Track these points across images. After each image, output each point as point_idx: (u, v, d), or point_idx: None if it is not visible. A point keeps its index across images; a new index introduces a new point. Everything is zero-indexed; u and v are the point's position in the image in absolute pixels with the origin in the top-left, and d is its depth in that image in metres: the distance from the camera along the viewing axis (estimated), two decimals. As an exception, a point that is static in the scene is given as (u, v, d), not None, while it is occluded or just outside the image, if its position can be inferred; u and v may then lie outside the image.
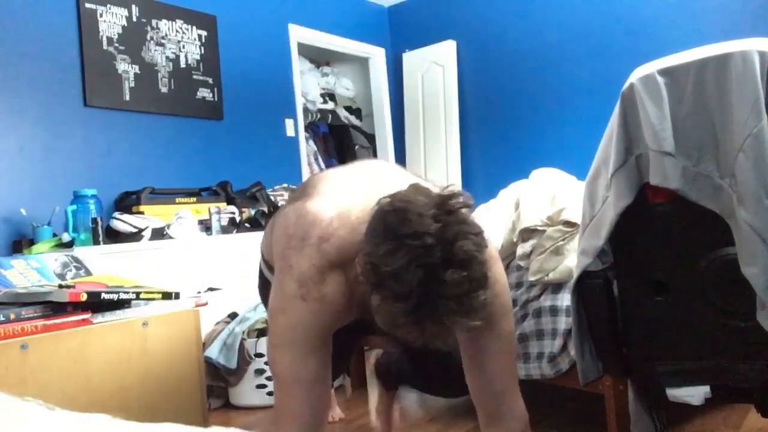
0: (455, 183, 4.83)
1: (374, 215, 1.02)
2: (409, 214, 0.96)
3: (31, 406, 1.06)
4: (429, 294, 0.94)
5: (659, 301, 1.42)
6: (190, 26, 3.76)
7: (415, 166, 5.10)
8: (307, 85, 5.17)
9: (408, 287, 0.93)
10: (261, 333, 2.74)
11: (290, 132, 4.39)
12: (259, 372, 2.68)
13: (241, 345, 2.69)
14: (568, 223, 2.06)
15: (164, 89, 3.59)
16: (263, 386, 2.69)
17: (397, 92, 5.27)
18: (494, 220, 2.34)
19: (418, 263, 0.93)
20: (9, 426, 0.94)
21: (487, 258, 1.03)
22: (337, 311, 1.14)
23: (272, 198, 3.76)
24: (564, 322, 2.03)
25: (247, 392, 2.70)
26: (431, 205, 0.98)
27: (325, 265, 1.11)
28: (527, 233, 2.18)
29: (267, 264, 1.46)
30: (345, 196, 1.19)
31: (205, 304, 2.04)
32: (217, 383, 2.73)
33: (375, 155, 5.42)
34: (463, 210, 0.99)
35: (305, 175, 4.47)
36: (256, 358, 2.68)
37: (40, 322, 1.58)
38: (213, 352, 2.70)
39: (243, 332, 2.74)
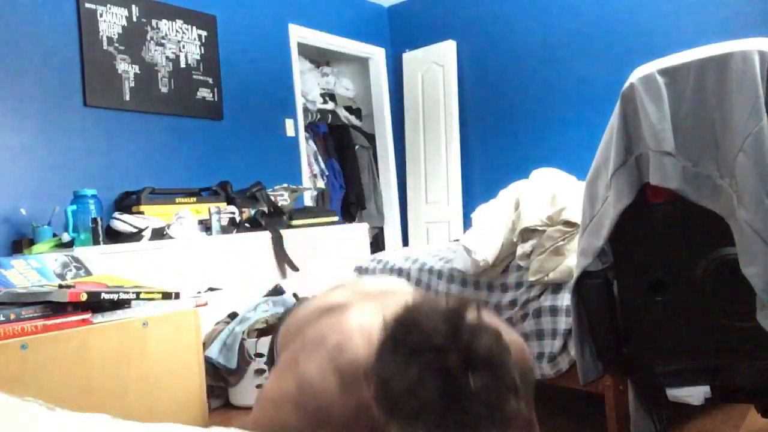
0: (455, 183, 4.83)
1: (382, 331, 0.89)
2: (417, 322, 0.85)
3: (31, 406, 1.06)
4: (452, 407, 0.79)
5: (659, 301, 1.42)
6: (190, 26, 3.76)
7: (415, 166, 5.11)
8: (307, 85, 5.17)
9: (427, 402, 0.79)
10: (261, 333, 2.74)
11: (290, 132, 4.39)
12: (259, 372, 2.68)
13: (241, 345, 2.70)
14: (568, 223, 2.06)
15: (164, 89, 3.59)
16: (263, 386, 2.69)
17: (397, 92, 5.27)
18: (494, 220, 2.34)
19: (433, 372, 0.80)
20: (9, 426, 0.94)
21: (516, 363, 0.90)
22: None
23: (272, 198, 3.76)
24: (564, 322, 2.03)
25: (247, 392, 2.70)
26: (440, 309, 0.87)
27: (336, 377, 0.99)
28: (527, 233, 2.18)
29: None
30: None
31: (205, 304, 2.04)
32: (217, 383, 2.73)
33: (375, 155, 5.43)
34: (477, 312, 0.87)
35: (305, 175, 4.47)
36: (256, 358, 2.68)
37: (40, 322, 1.58)
38: (213, 352, 2.70)
39: (243, 332, 2.74)
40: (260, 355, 2.68)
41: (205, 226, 3.27)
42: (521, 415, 0.83)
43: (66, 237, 2.80)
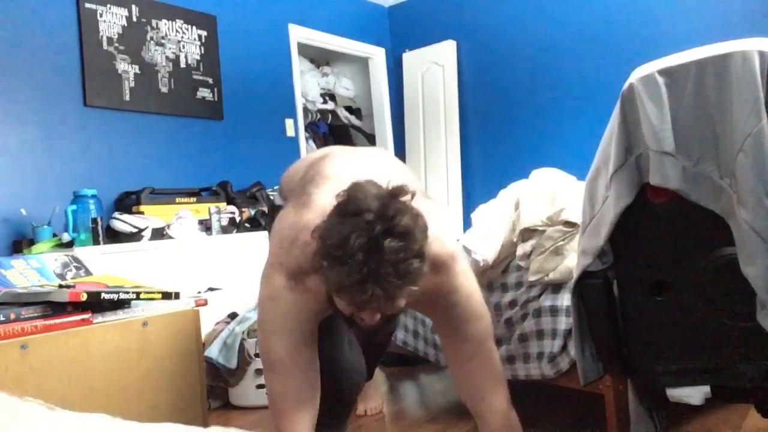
0: (455, 183, 4.84)
1: (336, 201, 1.15)
2: (355, 198, 1.10)
3: (31, 406, 1.06)
4: (370, 259, 1.05)
5: (659, 301, 1.42)
6: (190, 26, 3.76)
7: (415, 166, 5.10)
8: (307, 85, 5.18)
9: (350, 252, 1.05)
10: (261, 333, 2.75)
11: (290, 132, 4.39)
12: (260, 372, 2.68)
13: (242, 345, 2.69)
14: (568, 223, 2.06)
15: (164, 89, 3.59)
16: (263, 386, 2.69)
17: (397, 92, 5.27)
18: (494, 220, 2.34)
19: (359, 234, 1.05)
20: (9, 426, 0.94)
21: (447, 260, 1.26)
22: (320, 301, 1.25)
23: (272, 198, 3.76)
24: (564, 322, 2.03)
25: (247, 392, 2.70)
26: (377, 191, 1.11)
27: (309, 264, 1.22)
28: (527, 233, 2.18)
29: (285, 197, 1.70)
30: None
31: (205, 304, 2.04)
32: (217, 383, 2.73)
33: (375, 155, 5.42)
34: (406, 197, 1.12)
35: (305, 175, 4.46)
36: (257, 358, 2.68)
37: (40, 322, 1.58)
38: (213, 352, 2.70)
39: (243, 332, 2.74)
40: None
41: (205, 226, 3.27)
42: (421, 273, 1.11)
43: (66, 237, 2.80)
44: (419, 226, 1.11)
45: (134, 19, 3.48)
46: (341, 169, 1.42)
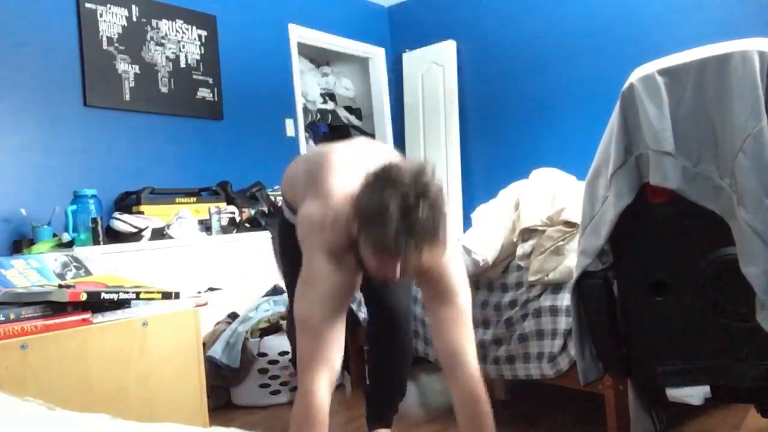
0: (455, 183, 4.83)
1: (365, 179, 1.30)
2: (389, 171, 1.27)
3: (31, 406, 1.06)
4: (406, 221, 1.21)
5: (659, 301, 1.42)
6: (190, 26, 3.76)
7: (415, 166, 5.10)
8: (307, 85, 5.17)
9: (389, 214, 1.21)
10: (264, 332, 2.75)
11: (290, 132, 4.39)
12: (263, 371, 2.68)
13: (244, 345, 2.70)
14: (568, 223, 2.06)
15: (164, 89, 3.59)
16: (266, 386, 2.69)
17: (397, 92, 5.27)
18: (494, 220, 2.34)
19: (395, 199, 1.21)
20: (9, 426, 0.94)
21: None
22: (355, 275, 1.45)
23: (272, 198, 3.76)
24: (564, 322, 2.03)
25: (250, 392, 2.71)
26: (409, 168, 1.27)
27: (342, 239, 1.35)
28: (527, 233, 2.18)
29: (288, 205, 1.85)
30: (351, 182, 1.42)
31: (205, 304, 2.04)
32: (218, 383, 2.73)
33: (375, 155, 5.42)
34: (435, 177, 1.28)
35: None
36: (260, 358, 2.68)
37: (40, 322, 1.58)
38: (216, 351, 2.70)
39: (246, 332, 2.74)
40: (263, 355, 2.68)
41: (205, 226, 3.27)
42: (444, 240, 1.29)
43: (66, 237, 2.80)
44: (444, 197, 1.28)
45: (134, 19, 3.48)
46: (348, 159, 1.58)
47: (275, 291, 3.22)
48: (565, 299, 2.03)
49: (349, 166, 1.54)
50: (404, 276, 1.32)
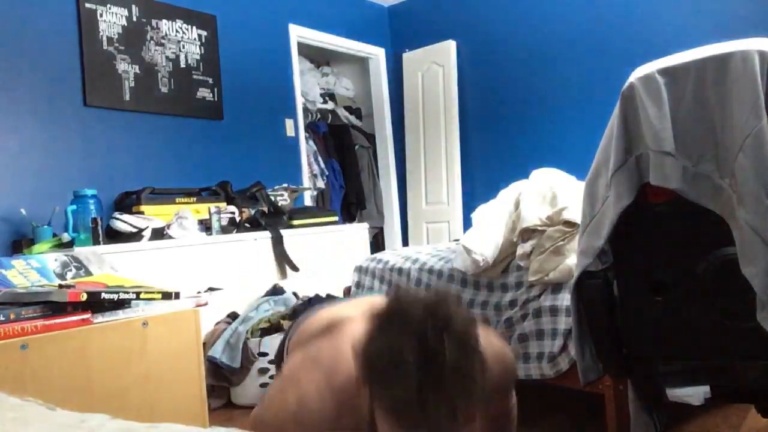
0: (455, 183, 4.83)
1: (369, 322, 1.00)
2: (398, 306, 0.96)
3: (31, 406, 1.06)
4: (429, 376, 0.89)
5: (659, 301, 1.42)
6: (190, 26, 3.76)
7: (415, 166, 5.11)
8: (307, 85, 5.17)
9: (407, 372, 0.89)
10: (264, 332, 2.75)
11: (290, 132, 4.39)
12: (263, 371, 2.69)
13: (245, 344, 2.70)
14: (568, 223, 2.06)
15: (164, 89, 3.59)
16: (266, 385, 2.69)
17: (397, 92, 5.27)
18: (494, 220, 2.34)
19: (412, 347, 0.90)
20: (9, 426, 0.94)
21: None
22: None
23: (272, 198, 3.76)
24: (564, 322, 2.03)
25: (251, 391, 2.71)
26: (420, 300, 0.97)
27: (331, 396, 1.10)
28: (527, 233, 2.18)
29: None
30: None
31: (205, 304, 2.04)
32: (218, 383, 2.73)
33: (375, 155, 5.43)
34: (459, 304, 0.98)
35: (305, 174, 4.47)
36: (261, 357, 2.68)
37: (40, 322, 1.58)
38: (216, 351, 2.70)
39: (247, 331, 2.74)
40: (264, 354, 2.68)
41: (205, 226, 3.27)
42: (485, 384, 0.93)
43: (66, 237, 2.80)
44: (474, 330, 0.97)
45: (134, 19, 3.48)
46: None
47: (275, 291, 3.22)
48: (565, 299, 2.03)
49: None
50: None
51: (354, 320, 1.20)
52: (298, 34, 4.53)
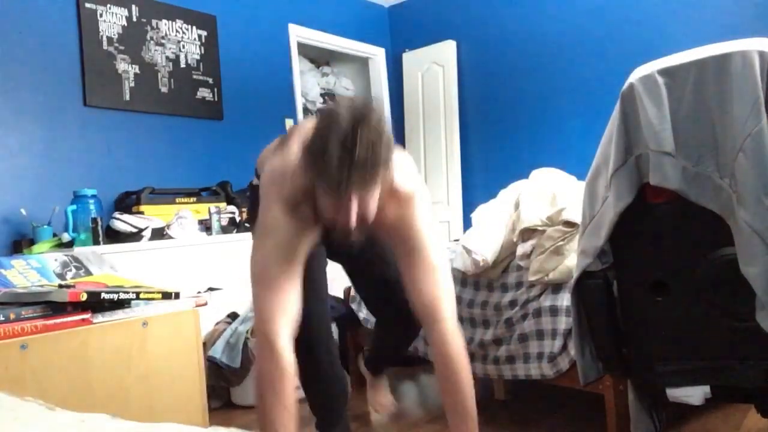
0: (455, 183, 4.83)
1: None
2: (330, 110, 1.27)
3: (31, 406, 1.06)
4: (346, 147, 1.20)
5: (659, 301, 1.42)
6: (190, 26, 3.76)
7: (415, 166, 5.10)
8: (307, 85, 5.17)
9: (328, 146, 1.20)
10: (262, 333, 2.74)
11: (290, 132, 4.38)
12: (261, 372, 2.68)
13: (245, 344, 2.70)
14: (568, 223, 2.06)
15: (164, 89, 3.59)
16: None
17: (397, 92, 5.27)
18: (494, 220, 2.34)
19: (335, 129, 1.21)
20: (9, 426, 0.94)
21: (411, 194, 1.47)
22: (312, 224, 1.44)
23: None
24: (564, 322, 2.03)
25: (250, 391, 2.70)
26: (348, 101, 1.29)
27: (299, 185, 1.37)
28: (527, 233, 2.18)
29: (258, 174, 1.86)
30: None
31: (205, 304, 2.04)
32: (218, 383, 2.73)
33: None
34: (376, 106, 1.29)
35: (305, 175, 4.46)
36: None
37: (40, 322, 1.58)
38: (216, 351, 2.70)
39: (247, 331, 2.74)
40: (261, 355, 2.68)
41: (205, 226, 3.27)
42: (388, 171, 1.30)
43: (66, 237, 2.80)
44: (386, 133, 1.27)
45: (134, 19, 3.48)
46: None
47: (275, 291, 3.21)
48: (565, 299, 2.03)
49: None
50: (365, 223, 1.30)
51: (303, 127, 1.48)
52: (298, 34, 4.53)
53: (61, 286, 1.75)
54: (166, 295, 1.86)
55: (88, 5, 3.27)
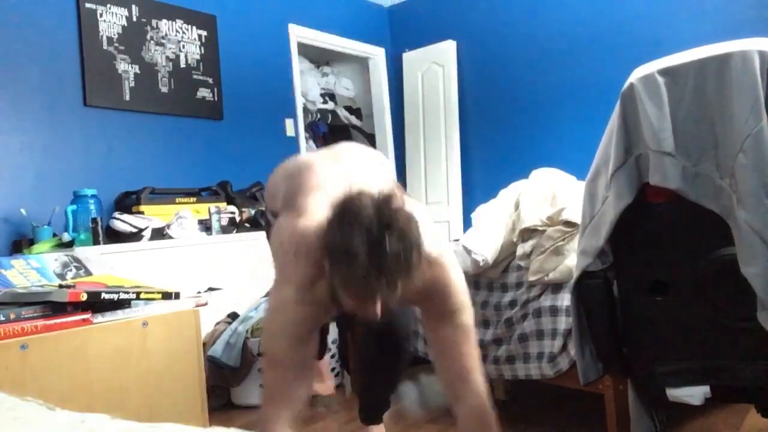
0: (455, 183, 4.83)
1: (332, 212, 1.23)
2: (352, 206, 1.19)
3: (31, 406, 1.06)
4: (373, 257, 1.14)
5: (659, 301, 1.42)
6: (190, 26, 3.76)
7: (415, 166, 5.11)
8: (307, 85, 5.17)
9: (355, 252, 1.14)
10: (262, 333, 2.75)
11: (290, 132, 4.39)
12: (263, 371, 2.68)
13: (245, 344, 2.70)
14: (568, 223, 2.06)
15: (164, 89, 3.59)
16: (264, 386, 2.69)
17: (397, 92, 5.27)
18: (494, 220, 2.34)
19: (361, 235, 1.14)
20: (9, 426, 0.94)
21: (439, 256, 1.38)
22: (325, 308, 1.37)
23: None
24: (564, 322, 2.03)
25: (251, 391, 2.71)
26: (372, 200, 1.20)
27: (315, 272, 1.31)
28: (527, 233, 2.18)
29: (272, 212, 1.79)
30: (328, 202, 1.34)
31: (205, 304, 2.04)
32: (218, 383, 2.73)
33: (375, 155, 5.42)
34: (398, 201, 1.21)
35: (305, 175, 4.46)
36: (260, 357, 2.68)
37: (40, 322, 1.58)
38: (217, 351, 2.70)
39: (247, 331, 2.74)
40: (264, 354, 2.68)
41: (205, 226, 3.27)
42: (419, 266, 1.21)
43: (66, 237, 2.80)
44: (413, 225, 1.21)
45: (134, 19, 3.48)
46: (326, 179, 1.51)
47: (275, 291, 3.21)
48: (565, 299, 2.03)
49: (329, 182, 1.47)
50: (381, 315, 1.21)
51: (319, 203, 1.41)
52: (298, 34, 4.53)
53: (61, 286, 1.75)
54: (166, 295, 1.86)
55: (88, 5, 3.27)
